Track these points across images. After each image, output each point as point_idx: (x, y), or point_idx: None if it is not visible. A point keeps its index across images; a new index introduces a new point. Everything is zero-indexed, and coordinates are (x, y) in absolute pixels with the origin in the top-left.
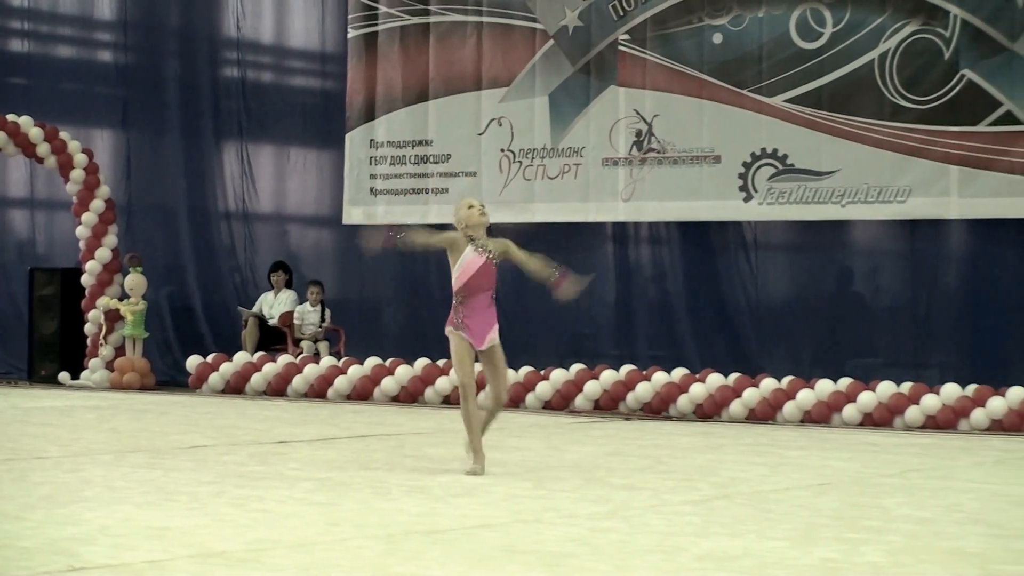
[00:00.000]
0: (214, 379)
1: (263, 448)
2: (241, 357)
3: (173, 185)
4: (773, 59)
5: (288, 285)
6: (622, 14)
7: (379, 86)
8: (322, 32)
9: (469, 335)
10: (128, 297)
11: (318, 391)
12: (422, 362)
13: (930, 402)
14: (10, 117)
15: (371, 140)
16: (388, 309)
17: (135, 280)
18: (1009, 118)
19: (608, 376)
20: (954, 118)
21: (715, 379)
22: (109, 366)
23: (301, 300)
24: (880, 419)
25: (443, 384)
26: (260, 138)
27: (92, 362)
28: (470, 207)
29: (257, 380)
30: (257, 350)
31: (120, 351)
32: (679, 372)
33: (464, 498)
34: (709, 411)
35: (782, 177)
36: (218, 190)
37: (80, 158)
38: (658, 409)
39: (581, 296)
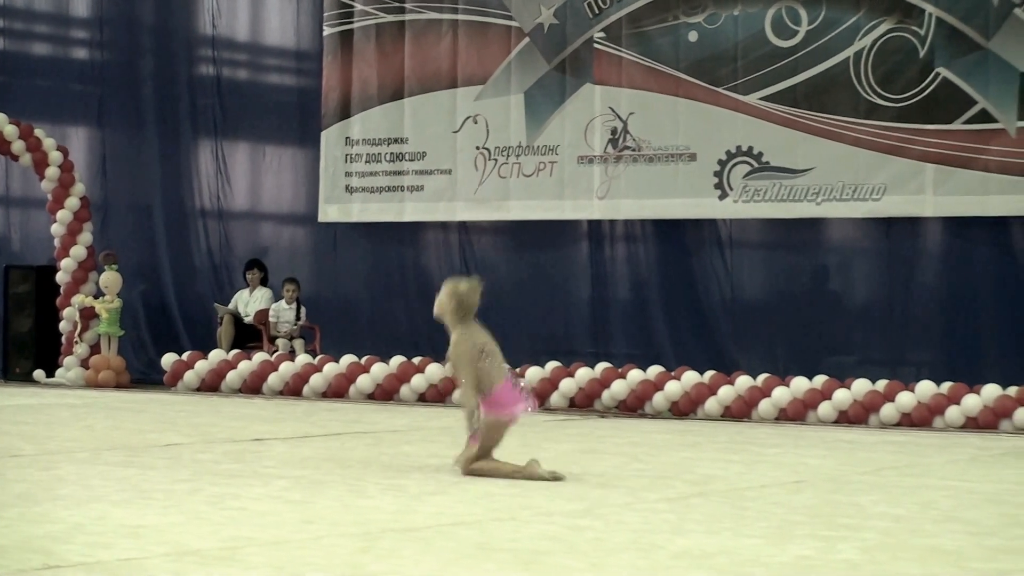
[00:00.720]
0: (189, 377)
1: (238, 446)
2: (216, 355)
3: (148, 183)
4: (748, 57)
5: (264, 283)
6: (597, 12)
7: (355, 84)
8: (297, 30)
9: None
10: (103, 295)
11: (293, 389)
12: (398, 359)
13: (905, 400)
14: None
15: (347, 138)
16: (364, 307)
17: (110, 278)
18: (984, 116)
19: (584, 374)
20: (929, 116)
21: (691, 377)
22: (84, 364)
23: (276, 298)
24: (855, 417)
25: (419, 382)
26: (236, 136)
27: (67, 360)
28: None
29: (232, 378)
30: (232, 348)
31: (95, 349)
32: (655, 370)
33: (440, 496)
34: (685, 409)
35: (757, 175)
36: (193, 188)
37: (55, 155)
38: (634, 407)
39: (556, 294)
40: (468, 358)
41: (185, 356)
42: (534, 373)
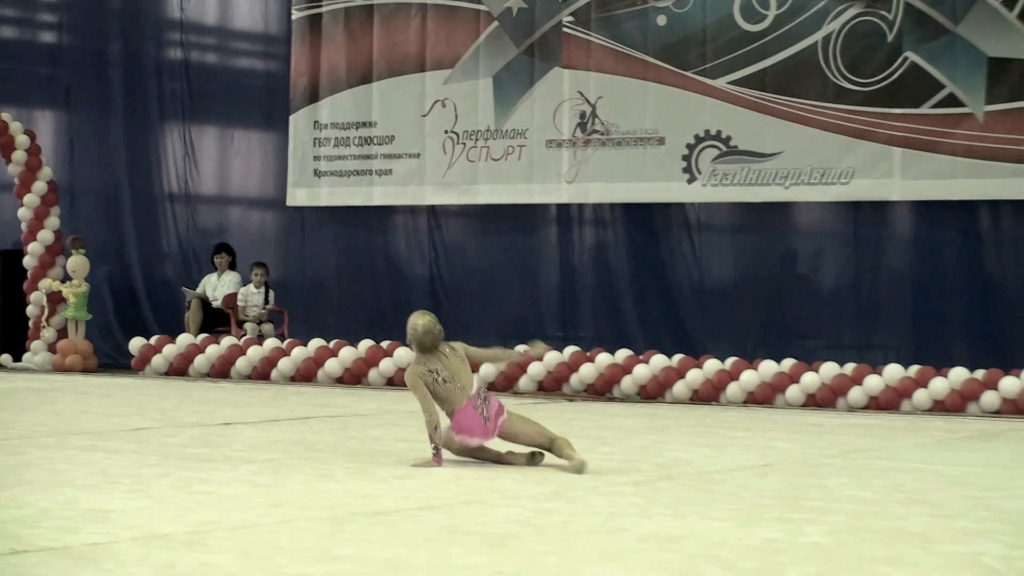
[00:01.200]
0: (157, 361)
1: (206, 430)
2: (184, 339)
3: (116, 167)
4: (717, 41)
5: (232, 267)
6: None
7: (323, 68)
8: (266, 13)
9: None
10: (70, 279)
11: (262, 373)
12: (366, 343)
13: (873, 383)
14: None
15: (315, 122)
16: (332, 291)
17: (77, 262)
18: (952, 100)
19: (552, 357)
20: (897, 100)
21: (659, 360)
22: (51, 348)
23: (245, 282)
24: (823, 400)
25: (387, 366)
26: (204, 120)
27: (34, 344)
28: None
29: (200, 362)
30: (200, 332)
31: (63, 333)
32: (623, 353)
33: (407, 479)
34: (653, 392)
35: (726, 159)
36: (161, 172)
37: (22, 139)
38: (602, 390)
39: (525, 278)
40: (417, 381)
41: (153, 340)
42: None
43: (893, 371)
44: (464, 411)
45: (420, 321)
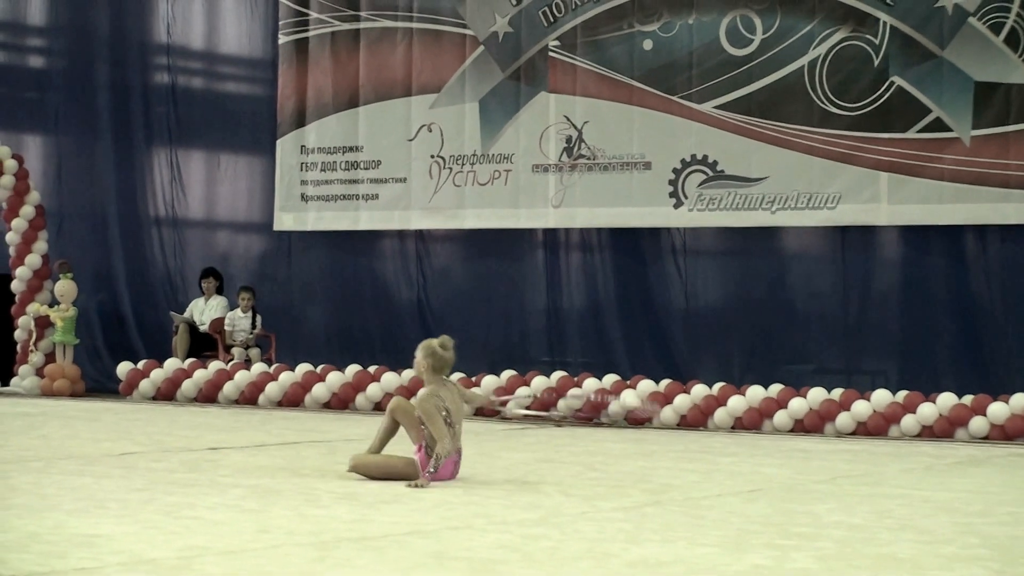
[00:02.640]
0: (145, 386)
1: (194, 455)
2: (172, 363)
3: (103, 191)
4: (703, 66)
5: (219, 291)
6: (552, 20)
7: (310, 92)
8: (252, 38)
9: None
10: (58, 303)
11: (249, 398)
12: (353, 368)
13: (861, 408)
14: None
15: (302, 146)
16: (319, 316)
17: (65, 286)
18: (938, 125)
19: (539, 382)
20: (883, 125)
21: (646, 385)
22: (39, 373)
23: (232, 306)
24: (811, 425)
25: (374, 391)
26: (191, 144)
27: (22, 368)
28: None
29: (188, 387)
30: (188, 356)
31: (50, 357)
32: (610, 378)
33: (395, 505)
34: (641, 417)
35: (712, 183)
36: (148, 196)
37: (10, 164)
38: (587, 416)
39: (512, 303)
40: (434, 411)
41: (140, 365)
42: (490, 382)
43: (881, 397)
44: (447, 466)
45: (435, 342)
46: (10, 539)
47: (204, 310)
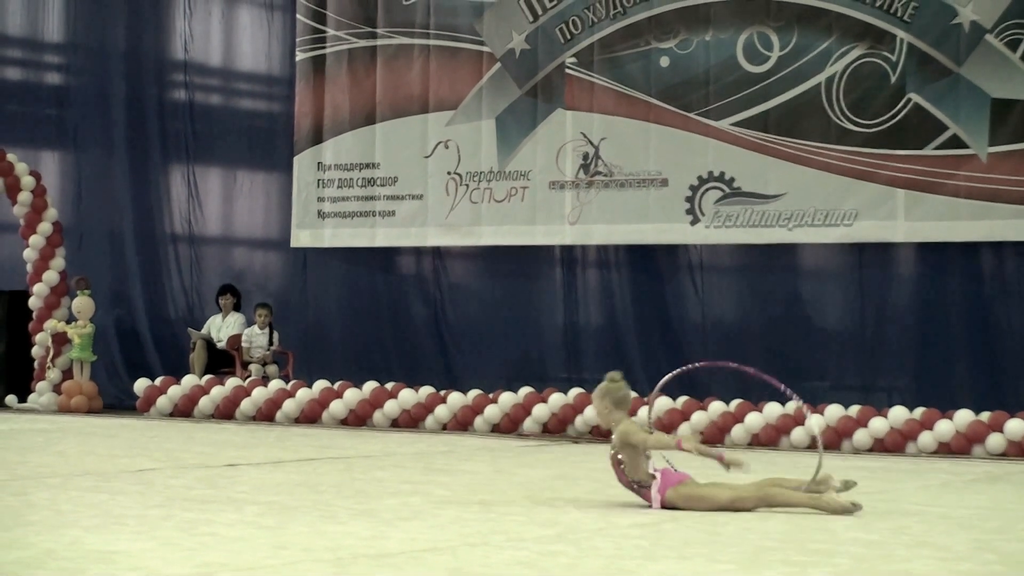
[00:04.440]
0: (162, 402)
1: (211, 471)
2: (189, 380)
3: (120, 208)
4: (720, 82)
5: (236, 308)
6: (569, 37)
7: (327, 109)
8: (269, 55)
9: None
10: (76, 320)
11: (266, 414)
12: (370, 385)
13: (878, 425)
14: None
15: (319, 163)
16: (336, 332)
17: (83, 303)
18: (955, 142)
19: (556, 399)
20: (900, 142)
21: (663, 402)
22: (56, 389)
23: (249, 323)
24: (829, 443)
25: (391, 407)
26: (207, 161)
27: (39, 385)
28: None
29: (205, 403)
30: (205, 373)
31: (68, 374)
32: None
33: (412, 521)
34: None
35: (729, 200)
36: (165, 213)
37: (27, 180)
38: (606, 432)
39: (529, 320)
40: (637, 429)
41: (158, 381)
42: (507, 398)
43: (898, 413)
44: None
45: (606, 383)
46: (27, 556)
47: (221, 327)
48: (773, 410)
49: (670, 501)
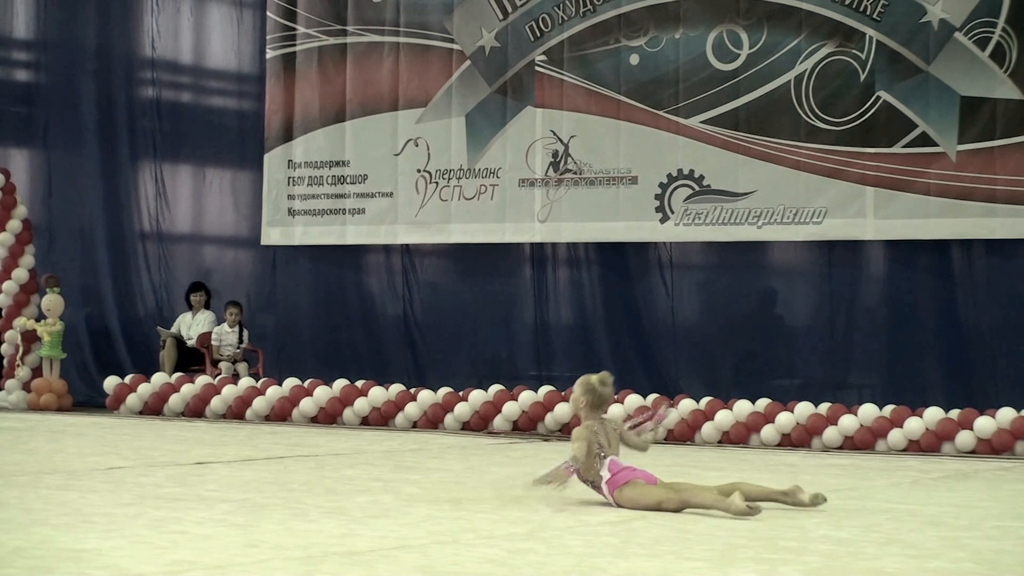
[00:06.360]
0: (132, 400)
1: (181, 469)
2: (159, 378)
3: (90, 205)
4: (690, 80)
5: (207, 306)
6: (539, 35)
7: (297, 106)
8: (239, 52)
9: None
10: (45, 318)
11: (236, 412)
12: (340, 383)
13: (848, 423)
14: None
15: (289, 161)
16: (307, 330)
17: (52, 301)
18: (924, 140)
19: (527, 397)
20: (870, 140)
21: (633, 400)
22: (26, 387)
23: (219, 321)
24: (798, 440)
25: (361, 405)
26: (177, 158)
27: (9, 383)
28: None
29: (175, 401)
30: (175, 371)
31: (37, 372)
32: None
33: (382, 519)
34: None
35: (699, 198)
36: (134, 210)
37: None
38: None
39: (499, 317)
40: (586, 448)
41: (127, 379)
42: (477, 396)
43: (868, 411)
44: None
45: (594, 378)
46: None
47: (192, 324)
48: (743, 408)
49: (618, 502)
